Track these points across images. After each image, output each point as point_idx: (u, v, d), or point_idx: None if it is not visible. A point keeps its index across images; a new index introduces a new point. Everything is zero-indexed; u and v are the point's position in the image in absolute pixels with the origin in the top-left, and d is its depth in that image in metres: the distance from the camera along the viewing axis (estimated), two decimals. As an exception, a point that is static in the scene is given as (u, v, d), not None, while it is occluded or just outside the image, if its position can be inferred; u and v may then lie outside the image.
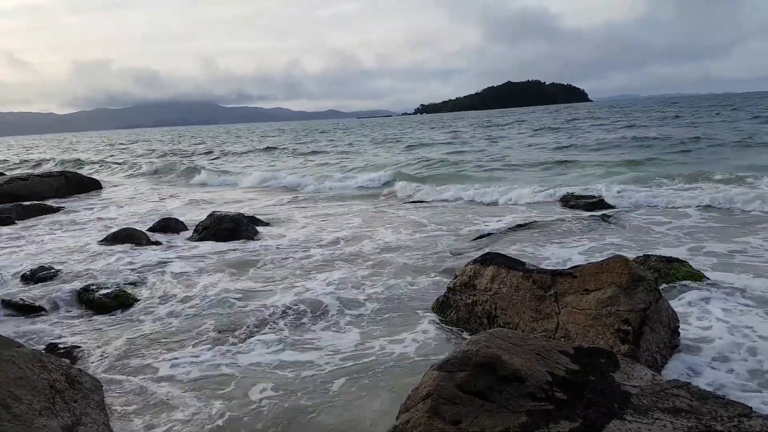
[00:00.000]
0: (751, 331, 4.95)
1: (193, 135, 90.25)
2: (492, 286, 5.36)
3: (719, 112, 47.26)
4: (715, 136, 24.97)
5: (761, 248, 7.66)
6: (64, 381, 3.66)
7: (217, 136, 74.50)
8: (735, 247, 7.72)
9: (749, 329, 4.98)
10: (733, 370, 4.33)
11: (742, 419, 2.86)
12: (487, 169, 20.03)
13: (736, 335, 4.88)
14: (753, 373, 4.27)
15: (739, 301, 5.62)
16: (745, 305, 5.52)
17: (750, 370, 4.31)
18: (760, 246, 7.78)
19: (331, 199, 15.42)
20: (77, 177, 20.93)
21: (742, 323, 5.10)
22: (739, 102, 71.48)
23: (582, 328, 4.47)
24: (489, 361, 3.13)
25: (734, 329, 4.98)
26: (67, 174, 20.61)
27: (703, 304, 5.58)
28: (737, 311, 5.37)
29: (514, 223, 10.17)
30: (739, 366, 4.38)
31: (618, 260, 4.76)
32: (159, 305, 6.52)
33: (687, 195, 11.66)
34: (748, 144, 21.35)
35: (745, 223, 9.34)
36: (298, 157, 31.38)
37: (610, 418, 2.86)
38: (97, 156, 40.41)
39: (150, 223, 11.18)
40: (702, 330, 5.03)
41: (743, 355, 4.56)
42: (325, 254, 8.60)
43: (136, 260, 8.47)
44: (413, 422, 2.85)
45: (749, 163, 16.35)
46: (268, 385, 4.50)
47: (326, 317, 5.97)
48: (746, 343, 4.73)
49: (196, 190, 19.19)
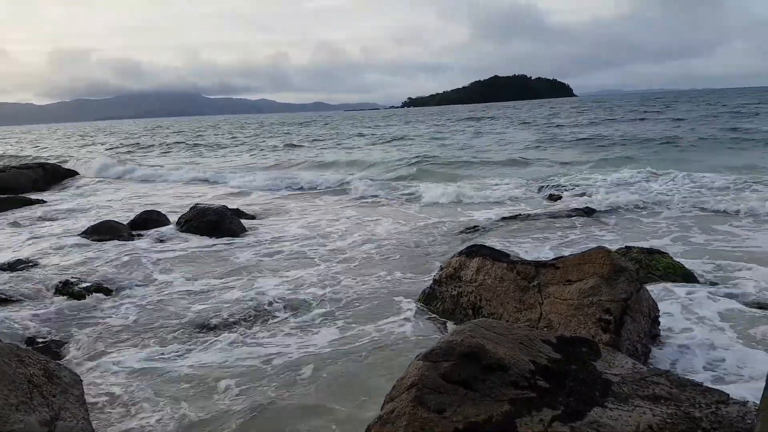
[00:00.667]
0: (726, 322, 5.03)
1: (168, 127, 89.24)
2: (477, 277, 5.39)
3: (691, 108, 47.68)
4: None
5: (740, 237, 7.78)
6: (42, 375, 3.60)
7: (187, 130, 73.04)
8: (715, 238, 7.83)
9: (726, 321, 5.05)
10: (709, 358, 4.40)
11: (719, 406, 2.91)
12: (467, 163, 20.11)
13: (713, 326, 4.96)
14: (726, 359, 4.36)
15: (720, 293, 5.71)
16: (726, 296, 5.61)
17: (722, 359, 4.39)
18: (740, 235, 7.90)
19: (299, 198, 14.91)
20: (56, 168, 20.78)
21: (721, 314, 5.18)
22: (713, 98, 72.15)
23: (564, 317, 4.51)
24: (473, 350, 3.14)
25: (712, 320, 5.05)
26: (45, 165, 20.46)
27: (683, 294, 5.65)
28: (717, 303, 5.45)
29: (500, 216, 10.22)
30: (715, 355, 4.45)
31: (600, 251, 4.80)
32: (138, 300, 6.46)
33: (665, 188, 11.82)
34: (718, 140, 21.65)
35: (728, 215, 9.46)
36: (277, 152, 31.08)
37: (591, 405, 2.89)
38: (58, 151, 39.96)
39: (132, 215, 11.07)
40: (682, 320, 5.10)
41: (720, 344, 4.63)
42: (305, 248, 8.60)
43: (116, 254, 8.40)
44: (398, 411, 2.86)
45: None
46: (240, 380, 4.51)
47: (309, 309, 5.98)
48: (721, 334, 4.80)
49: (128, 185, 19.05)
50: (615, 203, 10.70)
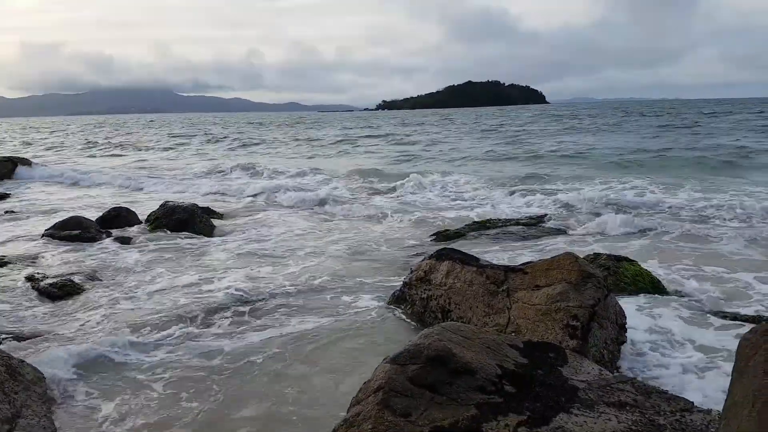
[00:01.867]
0: (695, 329, 5.11)
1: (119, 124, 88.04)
2: (447, 281, 5.39)
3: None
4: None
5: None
6: (4, 372, 3.53)
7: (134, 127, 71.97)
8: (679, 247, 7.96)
9: (694, 327, 5.14)
10: (677, 365, 4.46)
11: (684, 413, 2.95)
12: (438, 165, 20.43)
13: (680, 333, 5.03)
14: (691, 368, 4.42)
15: (686, 300, 5.81)
16: (693, 305, 5.71)
17: (687, 366, 4.46)
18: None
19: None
20: (27, 163, 20.50)
21: (687, 322, 5.27)
22: (682, 108, 73.28)
23: (532, 323, 4.53)
24: (440, 354, 3.14)
25: (678, 328, 5.13)
26: (14, 159, 20.26)
27: (650, 302, 5.73)
28: (682, 310, 5.54)
29: (470, 220, 10.28)
30: (681, 362, 4.52)
31: (568, 257, 4.84)
32: (106, 296, 6.35)
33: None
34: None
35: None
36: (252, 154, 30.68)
37: (557, 411, 2.91)
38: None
39: (101, 211, 10.89)
40: (648, 327, 5.16)
41: (686, 352, 4.70)
42: (275, 247, 8.55)
43: (83, 250, 8.25)
44: (363, 415, 2.84)
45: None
46: (207, 374, 4.47)
47: (272, 306, 5.92)
48: (689, 341, 4.88)
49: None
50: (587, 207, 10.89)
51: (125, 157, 29.76)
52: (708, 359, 4.56)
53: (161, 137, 46.39)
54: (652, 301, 5.78)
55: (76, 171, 20.20)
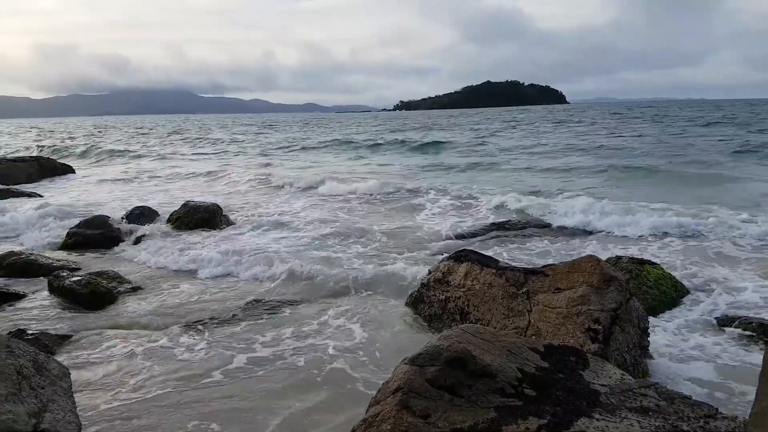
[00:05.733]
0: (716, 335, 5.04)
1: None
2: (465, 282, 5.38)
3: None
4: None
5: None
6: (31, 367, 3.60)
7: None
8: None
9: (715, 334, 5.07)
10: (699, 370, 4.41)
11: (708, 420, 2.91)
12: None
13: (705, 338, 4.97)
14: (713, 374, 4.37)
15: (709, 305, 5.73)
16: (714, 309, 5.62)
17: (712, 372, 4.40)
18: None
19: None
20: (51, 162, 20.68)
21: (711, 326, 5.20)
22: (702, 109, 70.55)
23: (553, 326, 4.50)
24: (459, 356, 3.13)
25: (702, 332, 5.07)
26: (40, 159, 20.38)
27: (673, 306, 5.67)
28: (706, 315, 5.47)
29: (490, 223, 10.21)
30: (704, 367, 4.47)
31: (590, 260, 4.80)
32: (131, 296, 6.44)
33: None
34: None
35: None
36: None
37: (578, 415, 2.88)
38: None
39: (124, 211, 11.02)
40: (672, 332, 5.11)
41: (710, 357, 4.64)
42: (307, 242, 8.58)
43: (107, 248, 8.37)
44: (382, 415, 2.85)
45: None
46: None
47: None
48: (712, 347, 4.82)
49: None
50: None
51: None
52: (733, 364, 4.50)
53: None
54: (675, 302, 5.72)
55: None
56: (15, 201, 13.40)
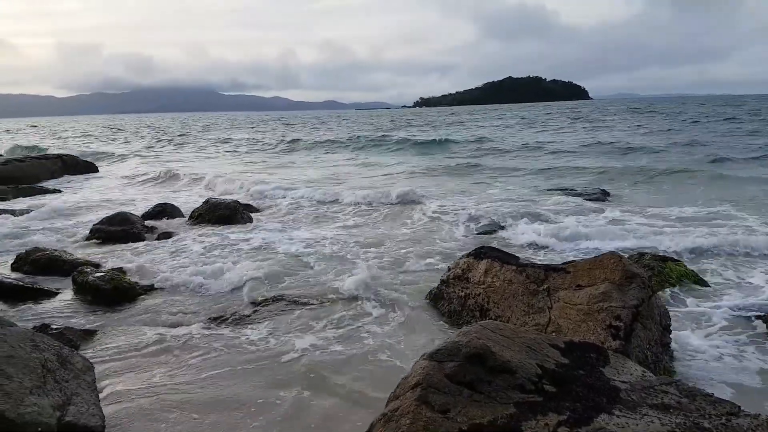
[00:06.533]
0: (739, 332, 4.98)
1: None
2: (485, 279, 5.37)
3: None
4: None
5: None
6: (55, 361, 3.66)
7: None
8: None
9: (739, 331, 5.00)
10: (721, 369, 4.36)
11: (730, 417, 2.87)
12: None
13: (728, 336, 4.91)
14: (735, 372, 4.31)
15: (732, 301, 5.65)
16: (737, 305, 5.55)
17: (734, 369, 4.35)
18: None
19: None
20: (74, 160, 20.92)
21: (733, 323, 5.13)
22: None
23: (574, 323, 4.48)
24: (479, 352, 3.13)
25: (724, 329, 5.01)
26: (63, 157, 20.62)
27: (695, 303, 5.60)
28: (729, 311, 5.40)
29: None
30: (726, 365, 4.41)
31: (612, 257, 4.76)
32: (151, 291, 6.52)
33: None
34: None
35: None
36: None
37: (598, 412, 2.87)
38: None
39: (146, 208, 11.16)
40: (694, 329, 5.06)
41: (732, 354, 4.59)
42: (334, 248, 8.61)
43: (130, 245, 8.47)
44: (402, 410, 2.85)
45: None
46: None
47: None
48: (734, 344, 4.76)
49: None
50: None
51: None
52: (755, 362, 4.45)
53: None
54: (697, 299, 5.65)
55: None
56: (40, 198, 13.62)
